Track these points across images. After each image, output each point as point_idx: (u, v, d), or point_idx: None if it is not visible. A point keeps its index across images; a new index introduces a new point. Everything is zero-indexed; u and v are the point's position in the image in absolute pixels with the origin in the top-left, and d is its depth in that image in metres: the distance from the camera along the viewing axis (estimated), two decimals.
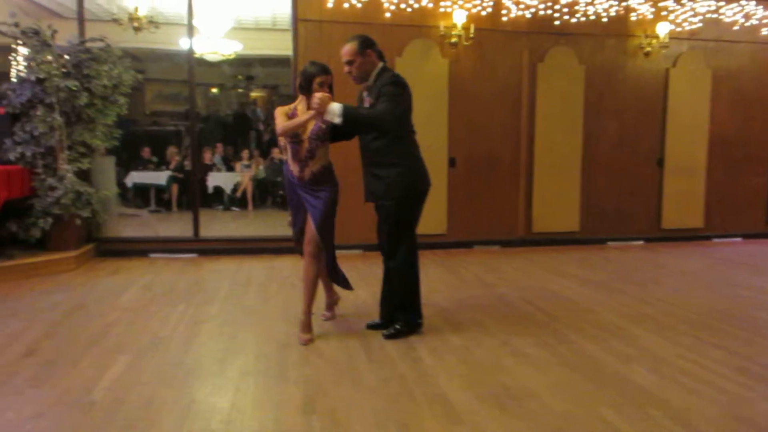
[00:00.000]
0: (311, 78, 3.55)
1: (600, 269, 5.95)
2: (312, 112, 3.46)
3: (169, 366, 3.19)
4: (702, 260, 6.47)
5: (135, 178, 9.62)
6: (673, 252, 6.94)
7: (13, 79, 5.91)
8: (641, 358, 3.39)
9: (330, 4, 6.46)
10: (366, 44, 3.61)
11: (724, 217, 7.76)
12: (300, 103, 3.66)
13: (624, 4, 7.17)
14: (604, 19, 7.14)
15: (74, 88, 5.57)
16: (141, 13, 6.45)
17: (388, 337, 3.69)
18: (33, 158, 5.56)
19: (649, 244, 7.47)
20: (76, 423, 2.55)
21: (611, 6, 7.12)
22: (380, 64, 3.67)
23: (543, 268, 5.97)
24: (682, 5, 7.32)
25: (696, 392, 2.92)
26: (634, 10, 7.22)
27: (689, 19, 7.35)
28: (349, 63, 3.61)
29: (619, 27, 7.24)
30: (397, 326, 3.74)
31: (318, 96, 3.40)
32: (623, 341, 3.68)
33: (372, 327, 3.90)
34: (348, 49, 3.60)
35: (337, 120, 3.39)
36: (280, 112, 3.65)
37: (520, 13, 6.90)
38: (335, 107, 3.38)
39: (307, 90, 3.57)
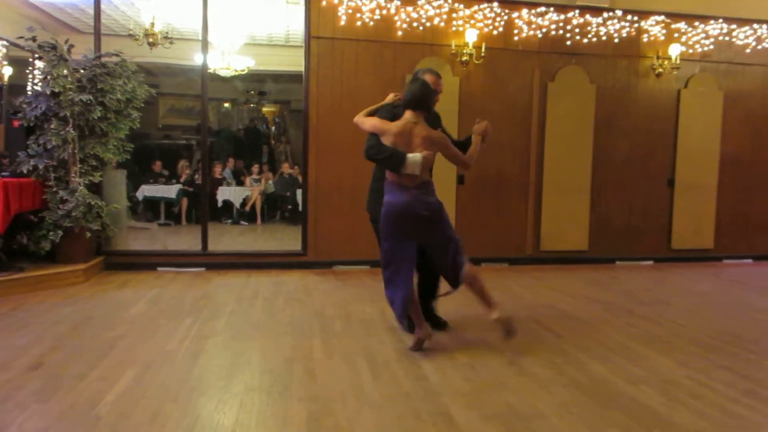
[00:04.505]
0: (433, 95, 3.72)
1: (609, 289, 5.90)
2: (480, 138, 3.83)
3: (175, 381, 3.19)
4: (712, 281, 6.41)
5: (145, 191, 9.69)
6: (683, 272, 6.88)
7: (29, 93, 6.00)
8: (650, 379, 3.35)
9: (343, 22, 6.53)
10: None
11: (734, 239, 7.69)
12: (417, 122, 3.60)
13: (636, 26, 7.21)
14: (616, 40, 7.17)
15: (88, 102, 5.64)
16: (156, 28, 6.55)
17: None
18: (45, 171, 5.62)
19: (658, 264, 7.41)
20: None
21: (623, 27, 7.15)
22: None
23: (551, 286, 5.93)
24: (695, 27, 7.34)
25: (705, 415, 2.87)
26: (646, 31, 7.25)
27: (701, 41, 7.37)
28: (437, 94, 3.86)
29: (631, 48, 7.26)
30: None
31: (488, 126, 3.88)
32: (632, 362, 3.64)
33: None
34: (441, 81, 3.93)
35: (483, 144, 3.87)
36: (446, 138, 3.75)
37: (531, 33, 6.94)
38: None
39: (430, 107, 3.70)
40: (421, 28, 6.71)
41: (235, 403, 2.93)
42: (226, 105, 12.92)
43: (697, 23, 7.34)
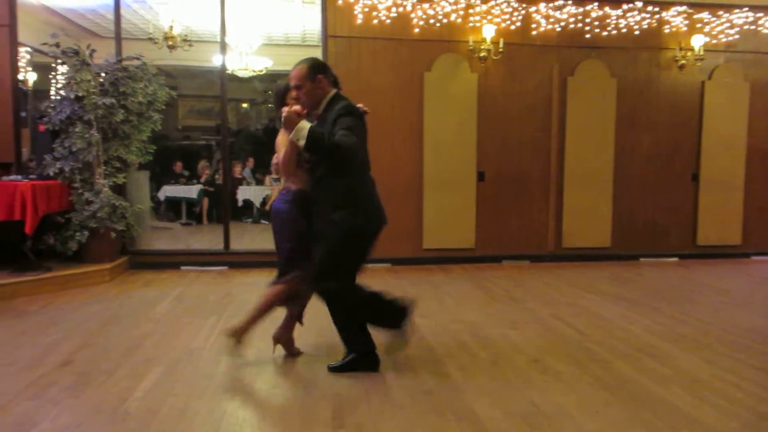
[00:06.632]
0: (283, 94, 3.35)
1: (633, 286, 5.82)
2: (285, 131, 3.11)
3: (200, 378, 3.23)
4: (740, 278, 6.29)
5: (167, 191, 9.82)
6: (709, 269, 6.76)
7: (53, 97, 6.12)
8: (677, 378, 3.30)
9: (359, 21, 6.54)
10: (317, 69, 3.22)
11: (763, 234, 7.52)
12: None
13: (657, 17, 7.09)
14: (637, 32, 7.06)
15: (111, 105, 5.73)
16: (175, 31, 6.62)
17: (332, 369, 3.37)
18: (71, 173, 5.73)
19: (683, 261, 7.29)
20: None
21: (644, 19, 7.04)
22: (332, 91, 3.28)
23: (573, 284, 5.88)
24: (719, 17, 7.20)
25: (735, 416, 2.82)
26: (668, 22, 7.13)
27: (726, 31, 7.23)
28: (297, 88, 3.22)
29: (653, 40, 7.15)
30: (347, 358, 3.40)
31: (285, 110, 3.03)
32: (658, 360, 3.59)
33: None
34: (296, 72, 3.20)
35: (301, 142, 2.97)
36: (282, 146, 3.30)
37: (549, 27, 6.88)
38: (303, 126, 2.97)
39: (281, 107, 3.26)
40: (438, 24, 6.68)
41: (260, 399, 2.96)
42: (245, 105, 13.02)
43: (720, 12, 7.19)
